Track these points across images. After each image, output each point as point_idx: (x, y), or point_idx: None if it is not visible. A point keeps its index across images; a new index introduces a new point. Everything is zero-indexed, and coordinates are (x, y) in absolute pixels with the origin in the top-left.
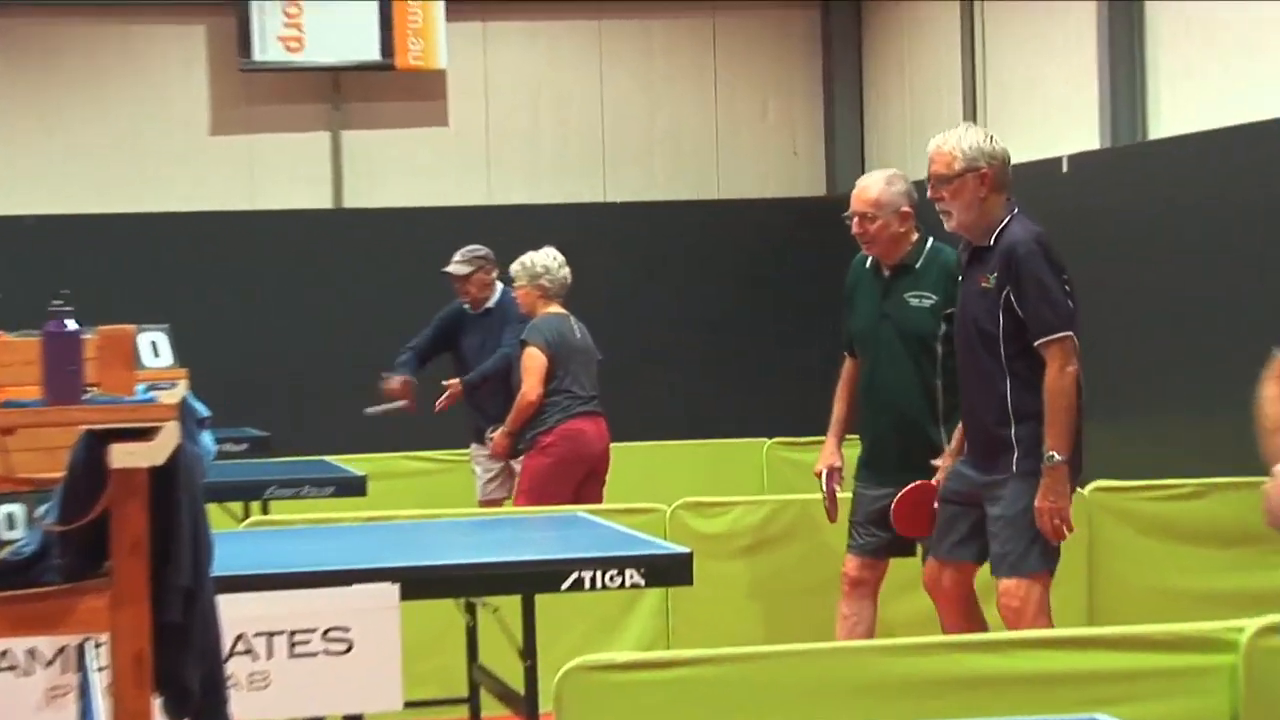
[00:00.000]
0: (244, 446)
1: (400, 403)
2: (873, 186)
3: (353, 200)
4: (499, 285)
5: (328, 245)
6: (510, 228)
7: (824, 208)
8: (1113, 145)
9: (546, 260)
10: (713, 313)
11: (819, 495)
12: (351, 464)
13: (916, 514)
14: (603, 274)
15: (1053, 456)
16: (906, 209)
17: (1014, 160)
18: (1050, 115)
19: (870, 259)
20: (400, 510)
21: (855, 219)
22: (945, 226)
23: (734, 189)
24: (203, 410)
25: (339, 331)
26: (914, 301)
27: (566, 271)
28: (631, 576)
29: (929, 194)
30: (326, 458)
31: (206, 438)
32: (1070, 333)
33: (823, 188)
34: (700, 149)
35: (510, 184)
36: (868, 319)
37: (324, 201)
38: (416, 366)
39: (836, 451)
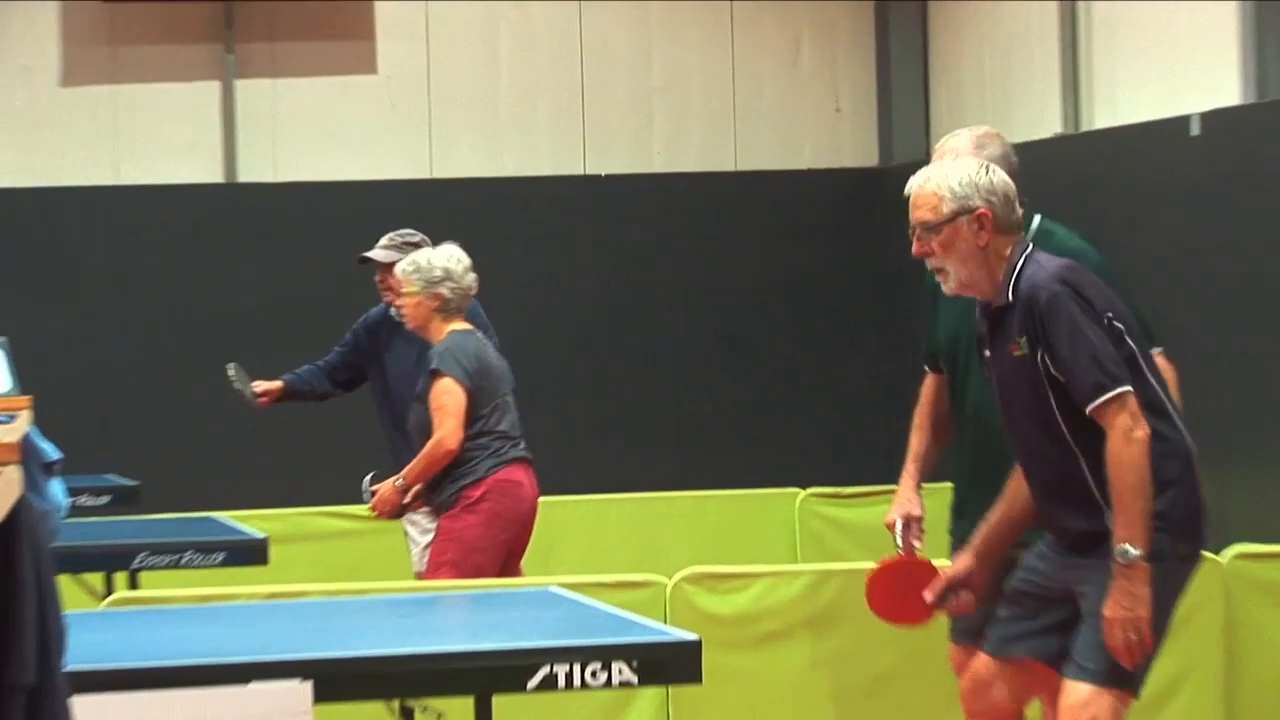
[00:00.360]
0: (106, 500)
1: (255, 392)
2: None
3: (250, 173)
4: None
5: (216, 232)
6: (459, 209)
7: (876, 182)
8: (1258, 100)
9: (446, 262)
10: (728, 322)
11: (877, 561)
12: (249, 522)
13: (907, 593)
14: (581, 269)
15: (1126, 551)
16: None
17: (1126, 120)
18: (1174, 65)
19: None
20: (313, 584)
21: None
22: (944, 290)
23: (756, 158)
24: (51, 451)
25: (232, 346)
26: None
27: (473, 278)
28: (620, 672)
29: (914, 249)
30: (215, 514)
31: (56, 487)
32: (1126, 388)
33: (874, 155)
34: (711, 106)
35: (459, 151)
36: (957, 323)
37: (212, 174)
38: (312, 382)
39: (915, 496)
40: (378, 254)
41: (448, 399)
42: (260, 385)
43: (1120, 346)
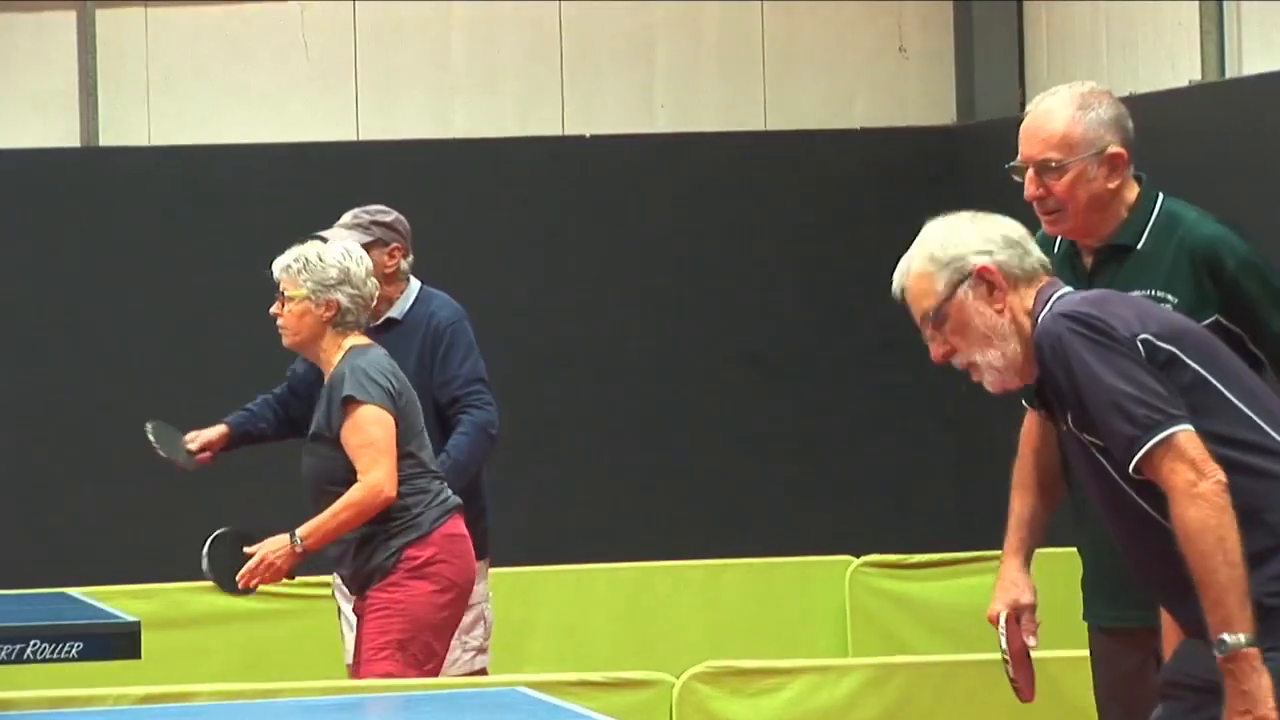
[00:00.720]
0: None
1: (189, 450)
2: (1058, 112)
3: (116, 134)
4: (414, 282)
5: (69, 211)
6: (394, 182)
7: (953, 146)
8: None
9: (344, 260)
10: (755, 335)
11: (953, 656)
12: (113, 601)
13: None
14: (559, 262)
15: (1223, 642)
16: (1117, 149)
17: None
18: None
19: (1061, 238)
20: (200, 684)
21: (1029, 172)
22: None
23: (792, 115)
24: None
25: (96, 366)
26: None
27: (375, 285)
28: None
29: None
30: (73, 591)
31: None
32: (1173, 429)
33: (950, 111)
34: (733, 46)
35: (400, 107)
36: None
37: (68, 136)
38: (266, 417)
39: (1023, 577)
40: (330, 235)
41: (377, 431)
42: (193, 436)
43: (1172, 371)
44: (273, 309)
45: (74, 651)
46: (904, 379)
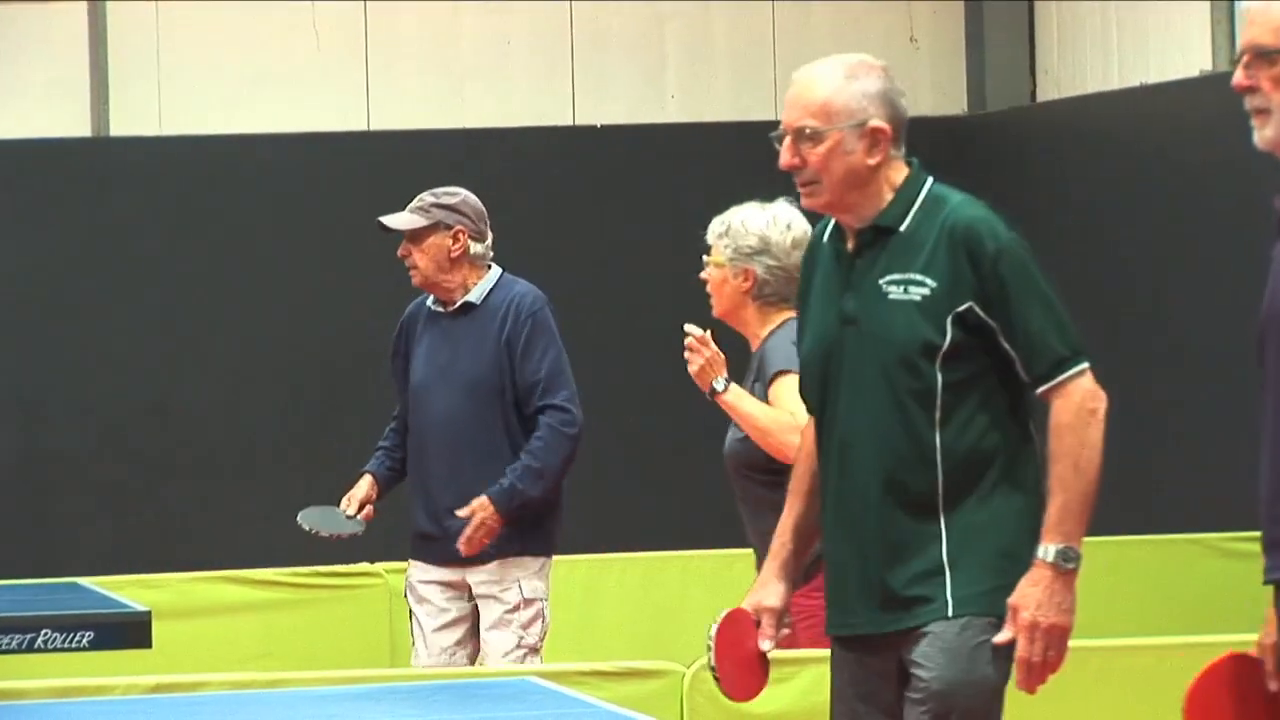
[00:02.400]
0: None
1: (348, 514)
2: (820, 80)
3: (127, 123)
4: (495, 268)
5: (81, 202)
6: (401, 172)
7: (964, 136)
8: None
9: (764, 227)
10: None
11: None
12: (124, 591)
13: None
14: (570, 252)
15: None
16: (880, 123)
17: None
18: None
19: (831, 225)
20: (211, 673)
21: (786, 140)
22: (1256, 138)
23: None
24: None
25: (105, 355)
26: (895, 293)
27: (799, 257)
28: None
29: (1236, 78)
30: (83, 581)
31: None
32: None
33: (962, 102)
34: (744, 36)
35: (409, 95)
36: (824, 329)
37: (78, 126)
38: (396, 453)
39: (776, 581)
40: (396, 220)
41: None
42: (347, 501)
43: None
44: (702, 274)
45: (85, 641)
46: None
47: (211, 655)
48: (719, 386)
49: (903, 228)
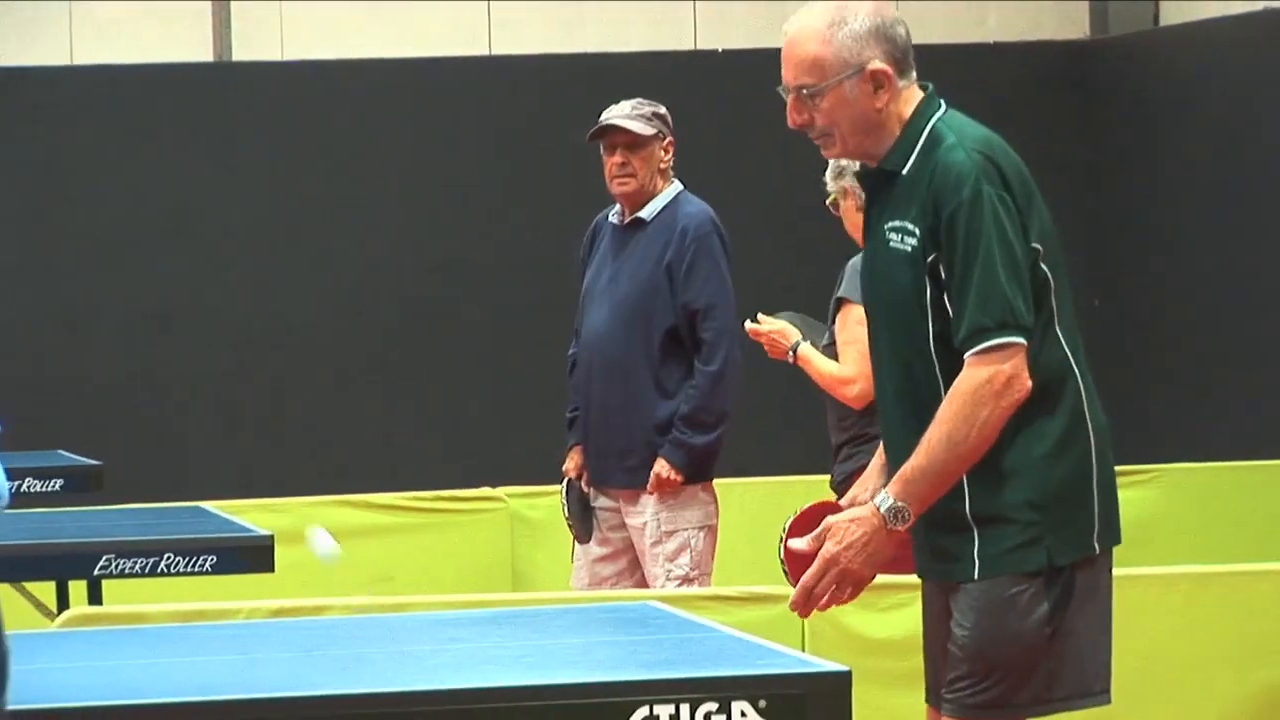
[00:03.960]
0: (58, 485)
1: (581, 489)
2: (807, 34)
3: (249, 48)
4: (676, 183)
5: (203, 129)
6: (521, 96)
7: (1088, 62)
8: None
9: None
10: None
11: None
12: (246, 515)
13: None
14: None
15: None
16: (878, 64)
17: None
18: None
19: (860, 163)
20: (333, 598)
21: (790, 99)
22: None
23: (920, 29)
24: None
25: (225, 280)
26: (894, 240)
27: None
28: (743, 715)
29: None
30: (203, 504)
31: None
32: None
33: (1085, 26)
34: None
35: (524, 20)
36: (866, 272)
37: (201, 51)
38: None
39: (879, 477)
40: (625, 121)
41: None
42: (570, 470)
43: None
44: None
45: (208, 565)
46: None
47: (333, 579)
48: (791, 357)
49: (905, 170)
